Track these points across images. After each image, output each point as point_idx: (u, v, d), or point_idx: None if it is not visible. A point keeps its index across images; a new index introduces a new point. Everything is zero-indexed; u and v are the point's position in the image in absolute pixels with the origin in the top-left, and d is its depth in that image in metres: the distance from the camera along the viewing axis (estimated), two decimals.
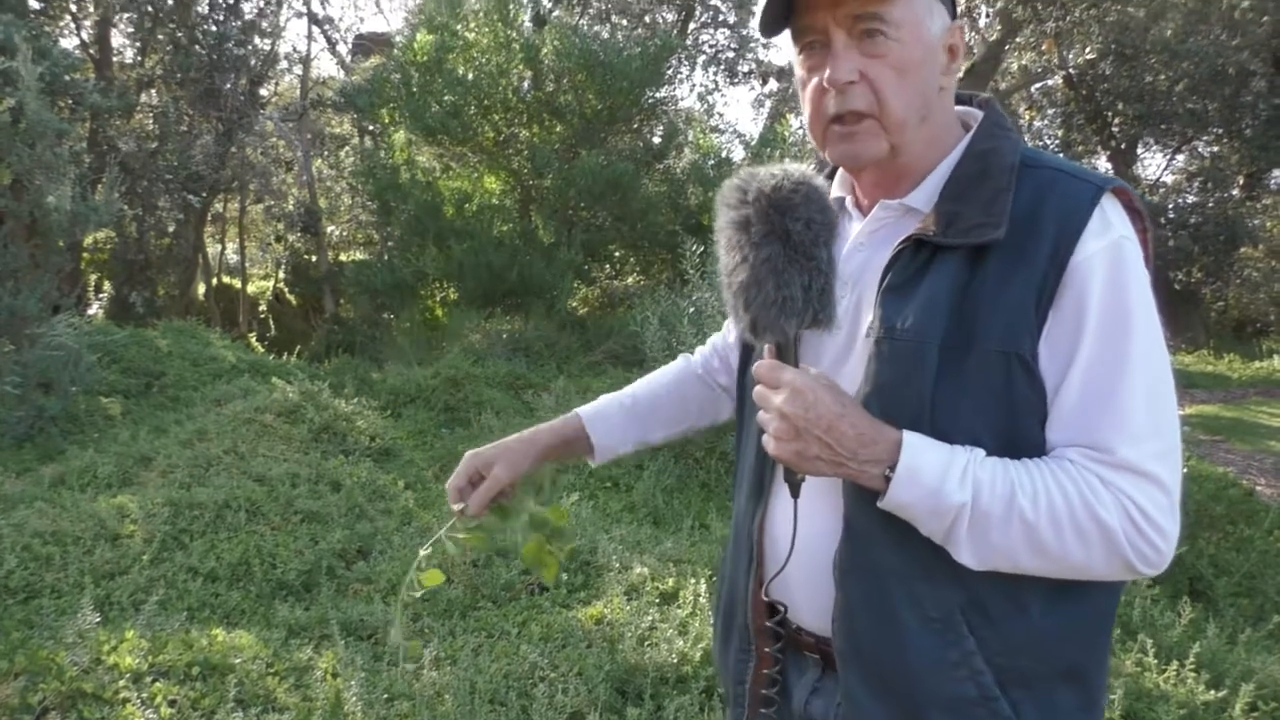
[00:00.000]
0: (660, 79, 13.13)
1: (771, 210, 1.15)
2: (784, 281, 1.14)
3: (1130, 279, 1.09)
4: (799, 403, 1.12)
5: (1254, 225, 15.67)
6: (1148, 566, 1.08)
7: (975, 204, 1.15)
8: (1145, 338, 1.08)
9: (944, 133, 1.25)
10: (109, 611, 3.76)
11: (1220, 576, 4.67)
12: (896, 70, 1.17)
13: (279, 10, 14.91)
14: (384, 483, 5.73)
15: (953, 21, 1.22)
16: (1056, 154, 8.88)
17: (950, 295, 1.13)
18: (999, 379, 1.10)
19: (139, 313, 11.78)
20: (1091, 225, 1.10)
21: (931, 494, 1.08)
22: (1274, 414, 10.16)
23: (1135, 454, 1.06)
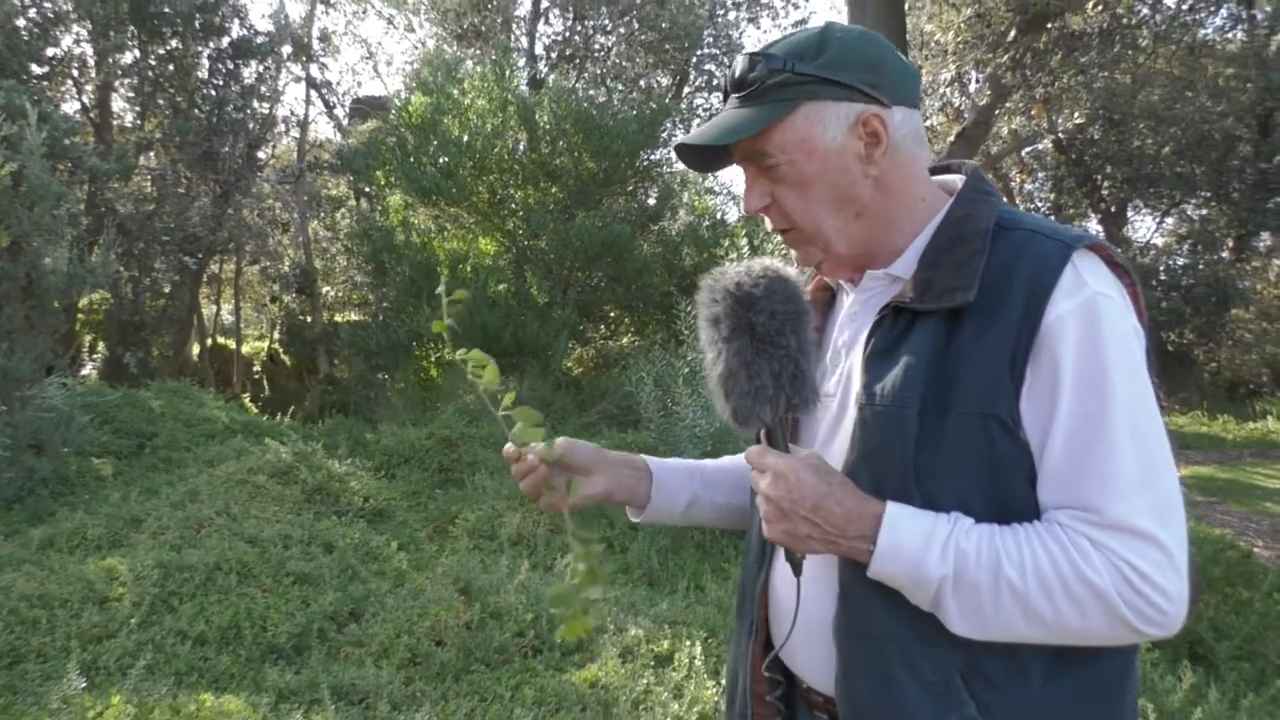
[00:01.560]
0: (655, 141, 13.29)
1: (736, 306, 1.19)
2: (754, 372, 1.18)
3: (1105, 335, 1.08)
4: (782, 486, 1.15)
5: (1244, 287, 15.78)
6: (1153, 628, 1.05)
7: (949, 269, 1.18)
8: (1126, 393, 1.08)
9: (907, 209, 1.27)
10: (95, 676, 3.70)
11: (1221, 640, 4.62)
12: (795, 188, 1.24)
13: (278, 75, 15.11)
14: (377, 544, 5.68)
15: (867, 108, 1.22)
16: (1047, 216, 9.05)
17: (928, 360, 1.15)
18: (980, 441, 1.12)
19: (133, 373, 11.74)
20: (1062, 284, 1.10)
21: (913, 566, 1.10)
22: (1269, 475, 10.15)
23: (1124, 511, 1.05)
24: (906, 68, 1.27)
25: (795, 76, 1.21)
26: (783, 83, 1.21)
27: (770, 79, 1.22)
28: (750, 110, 1.23)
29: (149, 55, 12.90)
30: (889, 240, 1.27)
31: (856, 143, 1.22)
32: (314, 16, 18.36)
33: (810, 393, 1.20)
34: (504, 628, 4.24)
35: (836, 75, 1.20)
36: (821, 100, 1.21)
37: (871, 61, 1.22)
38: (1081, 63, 11.68)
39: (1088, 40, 11.53)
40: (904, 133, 1.24)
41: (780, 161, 1.23)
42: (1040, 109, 13.48)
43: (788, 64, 1.21)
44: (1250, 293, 16.17)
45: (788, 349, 1.18)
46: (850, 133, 1.22)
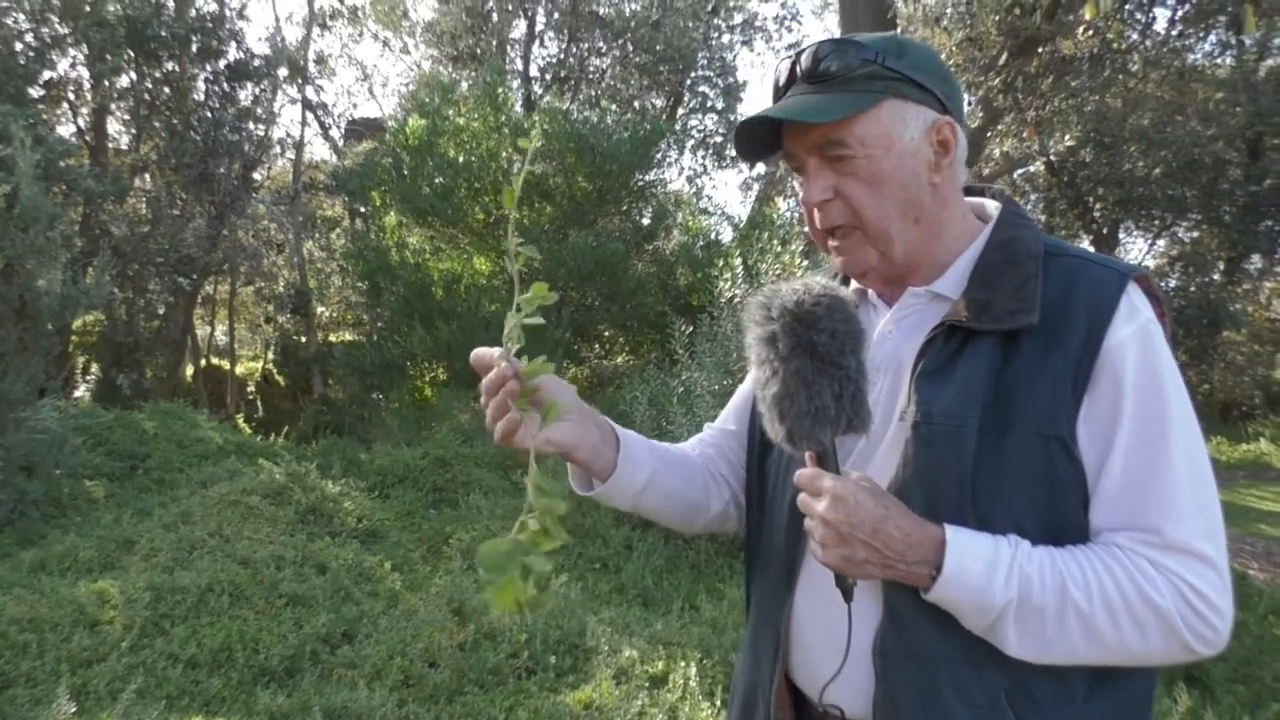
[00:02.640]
0: (649, 162, 13.34)
1: (796, 324, 1.16)
2: (815, 392, 1.15)
3: (1161, 361, 1.13)
4: (841, 509, 1.13)
5: (1235, 309, 15.84)
6: (1206, 647, 1.07)
7: (1005, 291, 1.19)
8: (1182, 418, 1.12)
9: (954, 224, 1.28)
10: (85, 701, 3.67)
11: (1216, 662, 4.61)
12: (868, 183, 1.23)
13: (274, 97, 15.16)
14: (370, 565, 5.66)
15: (941, 116, 1.24)
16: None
17: (986, 379, 1.16)
18: (1039, 462, 1.12)
19: (126, 395, 11.72)
20: (1121, 311, 1.14)
21: (977, 593, 1.10)
22: (1263, 497, 10.16)
23: (1184, 534, 1.07)
24: (960, 90, 1.30)
25: (884, 70, 1.21)
26: (871, 74, 1.21)
27: (860, 69, 1.22)
28: (836, 96, 1.22)
29: (145, 78, 12.94)
30: (934, 254, 1.28)
31: (929, 148, 1.24)
32: (310, 39, 18.47)
33: (868, 415, 1.18)
34: (498, 649, 4.22)
35: (920, 77, 1.22)
36: (905, 99, 1.22)
37: (944, 73, 1.26)
38: (1072, 86, 11.76)
39: (1078, 65, 11.62)
40: (962, 148, 1.27)
41: (858, 154, 1.22)
42: (1032, 132, 13.55)
43: (879, 57, 1.22)
44: (1242, 315, 16.23)
45: (848, 370, 1.16)
46: (925, 137, 1.23)
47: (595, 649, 4.20)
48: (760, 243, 6.61)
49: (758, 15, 30.00)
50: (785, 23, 21.62)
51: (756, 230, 12.48)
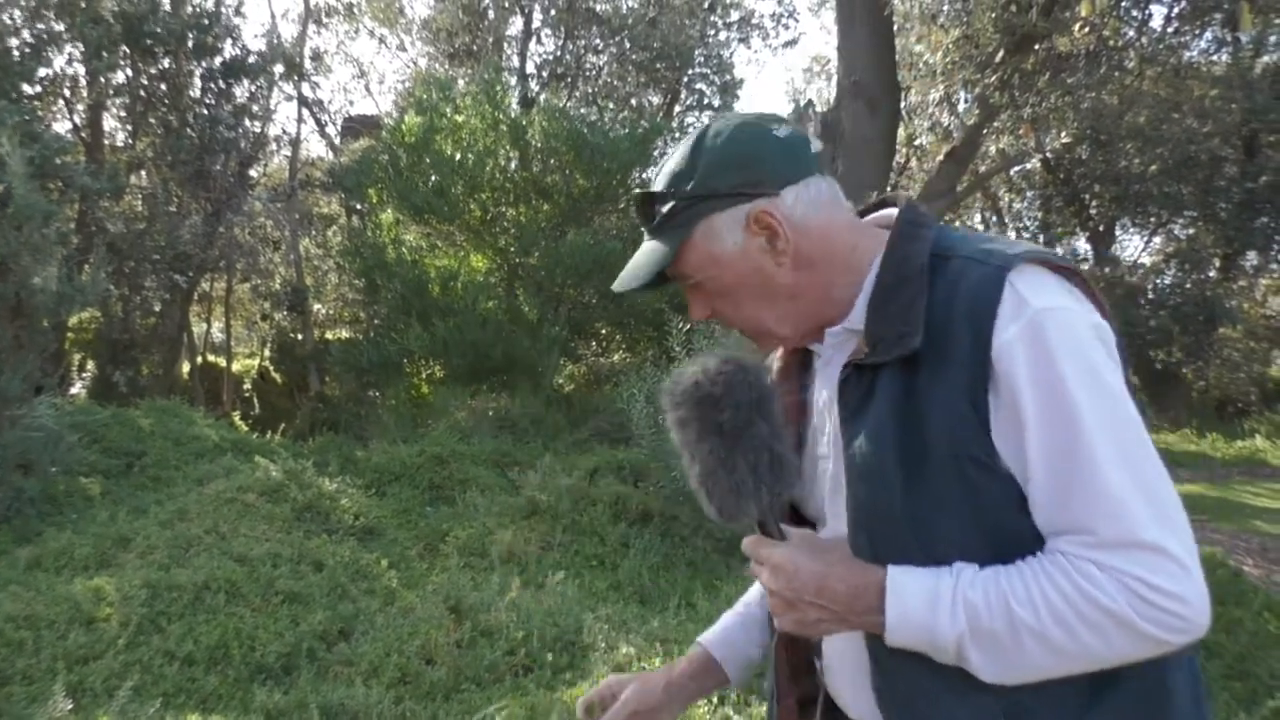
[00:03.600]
0: (647, 160, 13.34)
1: (699, 408, 1.17)
2: (731, 469, 1.16)
3: (1058, 350, 1.06)
4: (782, 577, 1.16)
5: (1231, 306, 15.86)
6: (1179, 635, 1.02)
7: (894, 316, 1.16)
8: (1093, 405, 1.05)
9: (842, 266, 1.26)
10: (82, 698, 3.67)
11: (1211, 659, 4.62)
12: (724, 297, 1.28)
13: (270, 94, 15.13)
14: (367, 562, 5.66)
15: (753, 205, 1.23)
16: (1035, 235, 9.06)
17: (895, 410, 1.14)
18: (961, 484, 1.11)
19: (122, 392, 11.70)
20: (1003, 309, 1.09)
21: (927, 631, 1.09)
22: (1258, 493, 10.17)
23: (1122, 528, 1.02)
24: (789, 144, 1.26)
25: (681, 202, 1.24)
26: (673, 211, 1.25)
27: (663, 212, 1.26)
28: (656, 244, 1.27)
29: (141, 75, 12.92)
30: (835, 301, 1.26)
31: (756, 240, 1.23)
32: (306, 36, 18.45)
33: (792, 475, 1.19)
34: (495, 646, 4.22)
35: (715, 187, 1.23)
36: (710, 215, 1.23)
37: (745, 158, 1.23)
38: (1069, 83, 11.76)
39: (1074, 61, 11.62)
40: (802, 208, 1.23)
41: (701, 279, 1.26)
42: (1028, 129, 13.55)
43: (670, 193, 1.25)
44: (1237, 311, 16.25)
45: (760, 438, 1.16)
46: (746, 233, 1.23)
47: (592, 646, 4.21)
48: None
49: (754, 12, 30.04)
50: (782, 20, 21.70)
51: None
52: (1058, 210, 18.84)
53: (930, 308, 1.13)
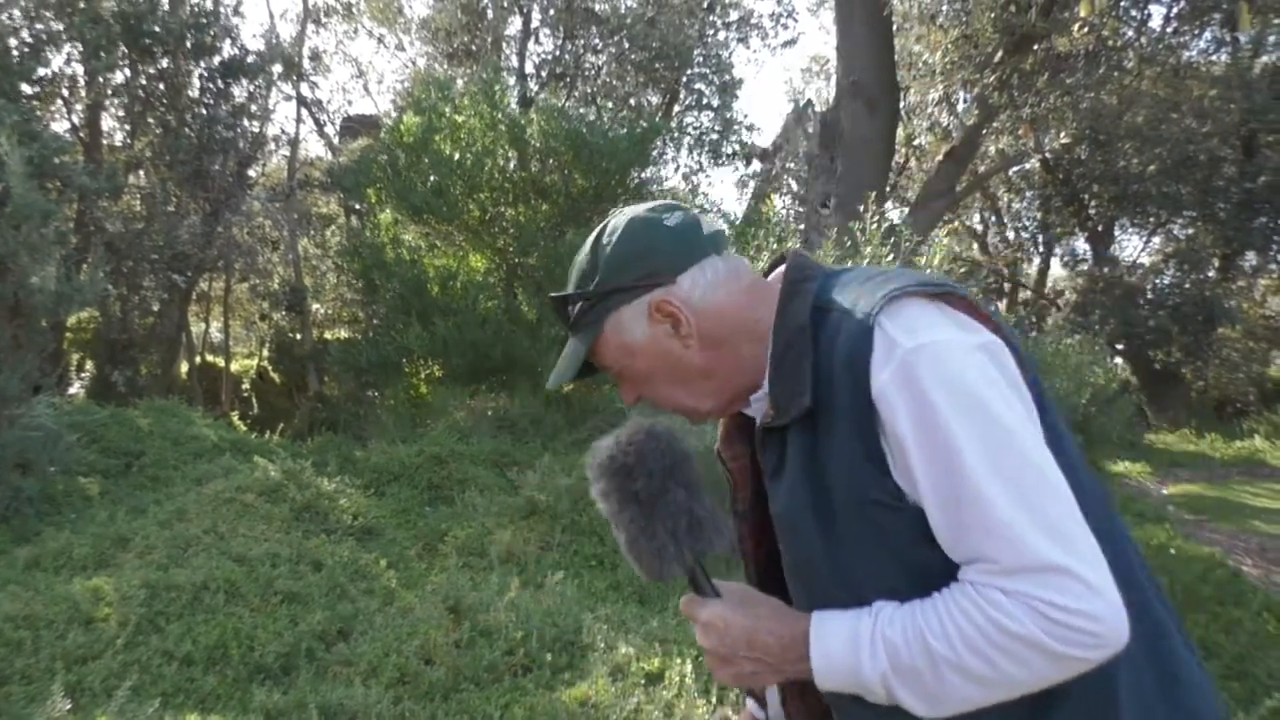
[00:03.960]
0: (646, 159, 13.33)
1: (614, 479, 1.22)
2: (652, 535, 1.20)
3: (930, 388, 1.08)
4: (714, 635, 1.21)
5: (1230, 306, 15.87)
6: (1093, 651, 1.02)
7: (788, 378, 1.21)
8: (973, 436, 1.06)
9: (749, 336, 1.30)
10: (80, 698, 3.67)
11: (1210, 659, 4.62)
12: (643, 383, 1.35)
13: (268, 93, 15.13)
14: (366, 562, 5.66)
15: (653, 296, 1.29)
16: (1034, 235, 9.01)
17: (804, 467, 1.19)
18: (871, 527, 1.14)
19: (121, 392, 11.69)
20: (875, 357, 1.12)
21: (851, 673, 1.12)
22: (1257, 493, 10.18)
23: (1020, 554, 1.02)
24: (680, 232, 1.31)
25: (587, 302, 1.31)
26: (583, 310, 1.32)
27: (575, 313, 1.33)
28: (573, 342, 1.35)
29: (140, 74, 12.91)
30: (750, 370, 1.30)
31: (661, 327, 1.29)
32: (305, 36, 18.44)
33: (712, 534, 1.22)
34: (494, 646, 4.22)
35: (616, 283, 1.29)
36: (617, 310, 1.30)
37: (640, 251, 1.29)
38: (1068, 84, 11.76)
39: (1074, 62, 11.63)
40: (700, 290, 1.29)
41: (619, 368, 1.33)
42: (1027, 129, 13.56)
43: (578, 294, 1.32)
44: (1236, 311, 16.26)
45: (676, 503, 1.20)
46: (651, 322, 1.29)
47: (591, 646, 4.20)
48: (756, 240, 6.61)
49: (753, 12, 30.08)
50: (781, 20, 21.56)
51: (753, 228, 12.52)
52: (1057, 210, 18.85)
53: (816, 365, 1.18)
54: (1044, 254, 21.52)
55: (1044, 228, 20.15)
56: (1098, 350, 10.62)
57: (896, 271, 1.24)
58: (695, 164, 21.26)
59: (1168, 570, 5.50)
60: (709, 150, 20.70)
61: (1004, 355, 1.14)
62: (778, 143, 18.57)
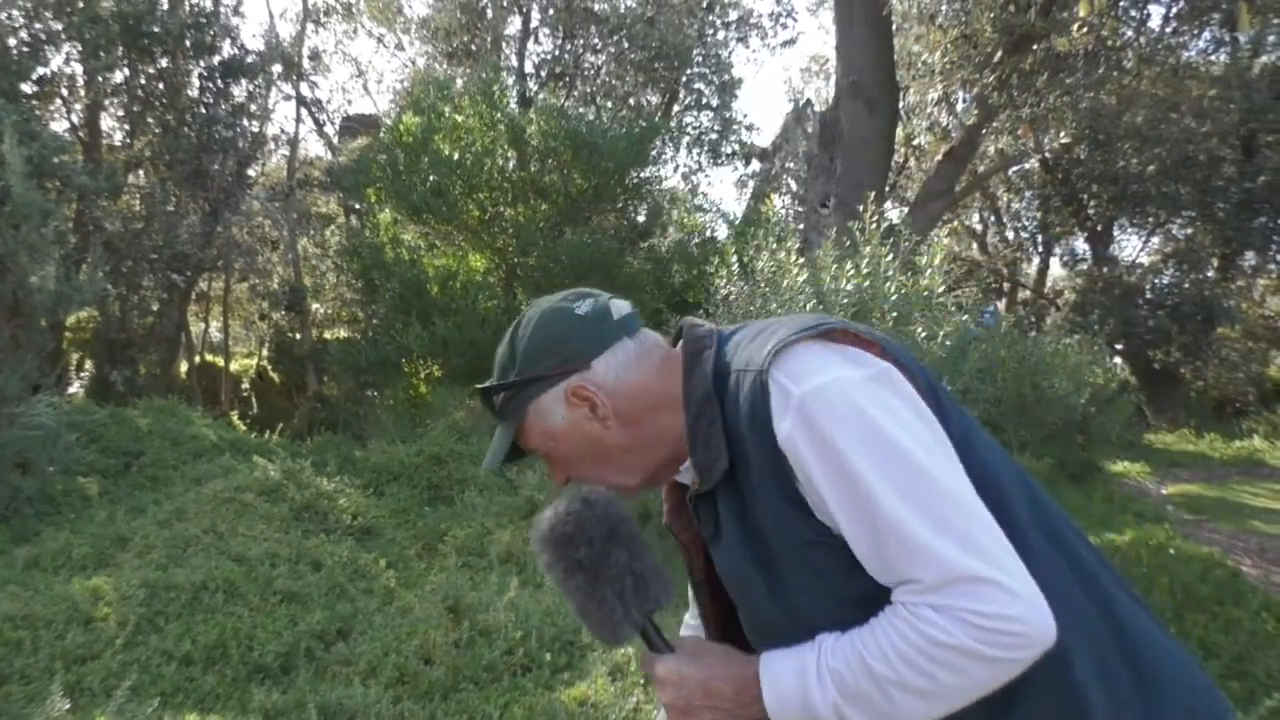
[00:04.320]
0: (645, 159, 13.33)
1: (556, 550, 1.26)
2: (600, 600, 1.25)
3: (828, 429, 1.13)
4: (670, 690, 1.27)
5: (1230, 306, 15.86)
6: (1023, 650, 1.07)
7: (704, 446, 1.26)
8: (875, 466, 1.11)
9: (667, 411, 1.33)
10: (80, 698, 3.67)
11: (1209, 659, 4.61)
12: (569, 464, 1.39)
13: (268, 93, 15.13)
14: (365, 562, 5.66)
15: (568, 381, 1.34)
16: (1034, 235, 8.99)
17: (739, 526, 1.25)
18: (807, 566, 1.20)
19: (120, 391, 11.69)
20: (774, 409, 1.17)
21: (803, 707, 1.16)
22: (1256, 493, 10.18)
23: (940, 569, 1.08)
24: (590, 319, 1.38)
25: (509, 392, 1.37)
26: (505, 400, 1.37)
27: (499, 402, 1.38)
28: (501, 430, 1.40)
29: (139, 74, 12.91)
30: (673, 442, 1.34)
31: (579, 410, 1.34)
32: (304, 35, 18.43)
33: (658, 592, 1.27)
34: (493, 646, 4.22)
35: (533, 373, 1.35)
36: (537, 397, 1.35)
37: (553, 342, 1.35)
38: (1067, 84, 11.76)
39: (1073, 61, 11.63)
40: (614, 374, 1.34)
41: (546, 451, 1.39)
42: (1027, 129, 13.57)
43: (499, 385, 1.37)
44: (1236, 311, 16.25)
45: (619, 565, 1.25)
46: (569, 407, 1.34)
47: (590, 646, 4.20)
48: (756, 239, 6.60)
49: (753, 12, 30.09)
50: (780, 19, 21.54)
51: (752, 227, 12.52)
52: (1056, 210, 18.84)
53: (727, 428, 1.24)
54: (1043, 254, 21.53)
55: (1043, 227, 20.14)
56: (1097, 350, 10.63)
57: (782, 321, 1.30)
58: (694, 164, 21.28)
59: (1167, 570, 5.49)
60: (708, 150, 20.71)
61: (895, 379, 1.20)
62: (777, 142, 18.57)
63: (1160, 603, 5.09)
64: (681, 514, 1.45)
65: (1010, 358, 9.38)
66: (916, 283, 6.15)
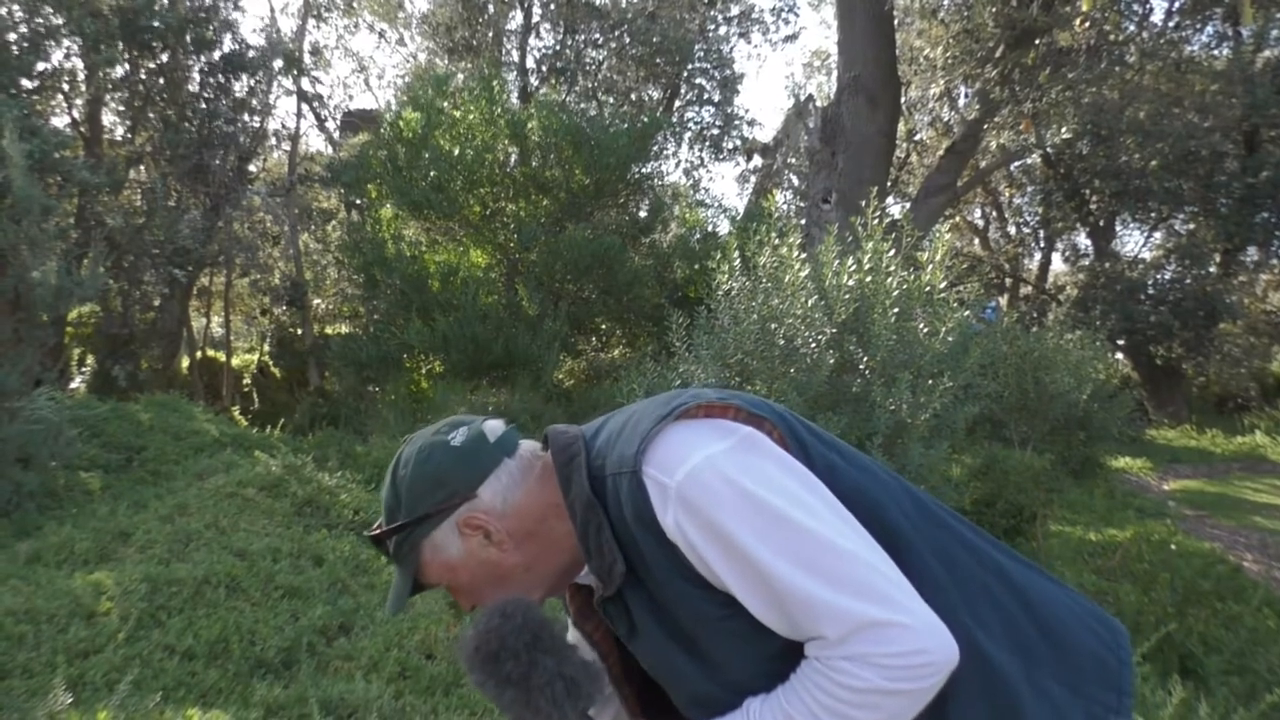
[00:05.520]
0: (646, 155, 13.32)
1: (484, 668, 1.29)
2: (536, 709, 1.27)
3: (708, 511, 1.18)
4: None
5: (1231, 301, 15.85)
6: (933, 677, 1.13)
7: (598, 554, 1.28)
8: (762, 537, 1.16)
9: (558, 522, 1.35)
10: (82, 692, 3.67)
11: (1210, 654, 4.62)
12: (472, 592, 1.40)
13: (269, 89, 15.11)
14: (367, 557, 5.66)
15: (458, 514, 1.34)
16: (1035, 230, 8.99)
17: (653, 619, 1.30)
18: (728, 638, 1.24)
19: (121, 386, 11.69)
20: (655, 504, 1.21)
21: None
22: (1258, 489, 10.19)
23: (842, 623, 1.13)
24: (467, 450, 1.37)
25: (399, 536, 1.37)
26: (398, 544, 1.37)
27: (392, 548, 1.38)
28: (400, 571, 1.40)
29: (139, 69, 12.90)
30: (569, 549, 1.36)
31: (473, 539, 1.35)
32: (305, 30, 18.41)
33: (590, 688, 1.30)
34: None
35: (421, 512, 1.35)
36: (429, 534, 1.36)
37: (434, 478, 1.35)
38: (1069, 78, 11.75)
39: (1075, 56, 11.62)
40: (501, 497, 1.35)
41: (446, 582, 1.39)
42: (1028, 124, 13.55)
43: (389, 531, 1.37)
44: (1238, 307, 16.25)
45: (547, 672, 1.27)
46: (463, 538, 1.35)
47: None
48: (758, 235, 6.60)
49: (754, 7, 29.98)
50: (782, 14, 21.64)
51: (754, 223, 12.52)
52: (1058, 205, 18.83)
53: (615, 532, 1.26)
54: (1045, 249, 21.54)
55: (1045, 223, 20.14)
56: (1098, 345, 10.62)
57: (640, 409, 1.34)
58: (696, 159, 21.30)
59: (1168, 565, 5.50)
60: (710, 145, 20.70)
61: (756, 442, 1.25)
62: (779, 138, 18.54)
63: (1161, 598, 5.09)
64: (590, 615, 1.47)
65: (1012, 353, 9.40)
66: (918, 278, 6.14)
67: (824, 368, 5.73)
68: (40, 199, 6.94)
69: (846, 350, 5.96)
